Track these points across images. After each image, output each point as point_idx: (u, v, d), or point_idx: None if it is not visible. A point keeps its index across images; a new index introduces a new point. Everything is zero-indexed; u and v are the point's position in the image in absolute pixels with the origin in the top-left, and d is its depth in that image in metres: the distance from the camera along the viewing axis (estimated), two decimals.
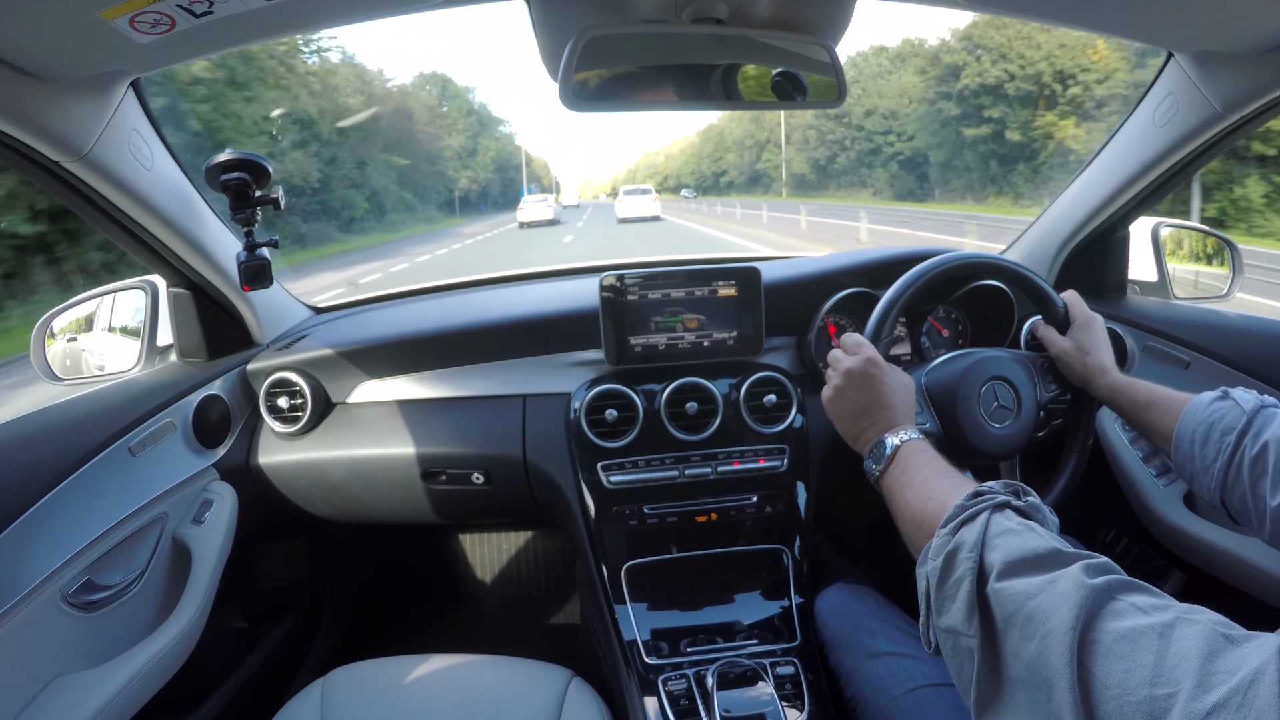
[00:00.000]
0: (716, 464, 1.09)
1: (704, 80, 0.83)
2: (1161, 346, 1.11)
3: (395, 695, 0.89)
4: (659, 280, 1.10)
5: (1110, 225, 1.22)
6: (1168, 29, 0.86)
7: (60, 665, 0.80)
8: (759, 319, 1.14)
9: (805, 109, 0.88)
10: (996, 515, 0.51)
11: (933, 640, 0.51)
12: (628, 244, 15.55)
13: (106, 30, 0.66)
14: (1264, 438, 0.63)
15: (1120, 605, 0.39)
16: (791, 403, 1.12)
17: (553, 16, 0.79)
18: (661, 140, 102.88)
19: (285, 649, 1.35)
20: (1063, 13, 0.87)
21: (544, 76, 0.84)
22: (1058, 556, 0.44)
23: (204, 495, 1.06)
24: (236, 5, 0.65)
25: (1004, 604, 0.44)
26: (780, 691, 0.91)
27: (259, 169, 0.94)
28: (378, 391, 1.22)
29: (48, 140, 0.78)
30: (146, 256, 1.04)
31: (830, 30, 0.83)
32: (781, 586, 1.08)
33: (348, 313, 1.43)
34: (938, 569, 0.50)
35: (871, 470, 0.71)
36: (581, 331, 1.16)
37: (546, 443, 1.12)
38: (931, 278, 0.87)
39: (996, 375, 0.86)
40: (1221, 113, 0.93)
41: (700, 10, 0.76)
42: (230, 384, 1.15)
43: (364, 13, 0.77)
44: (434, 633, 1.63)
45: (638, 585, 1.07)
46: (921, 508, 0.60)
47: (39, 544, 0.78)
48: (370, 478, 1.16)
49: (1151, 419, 0.76)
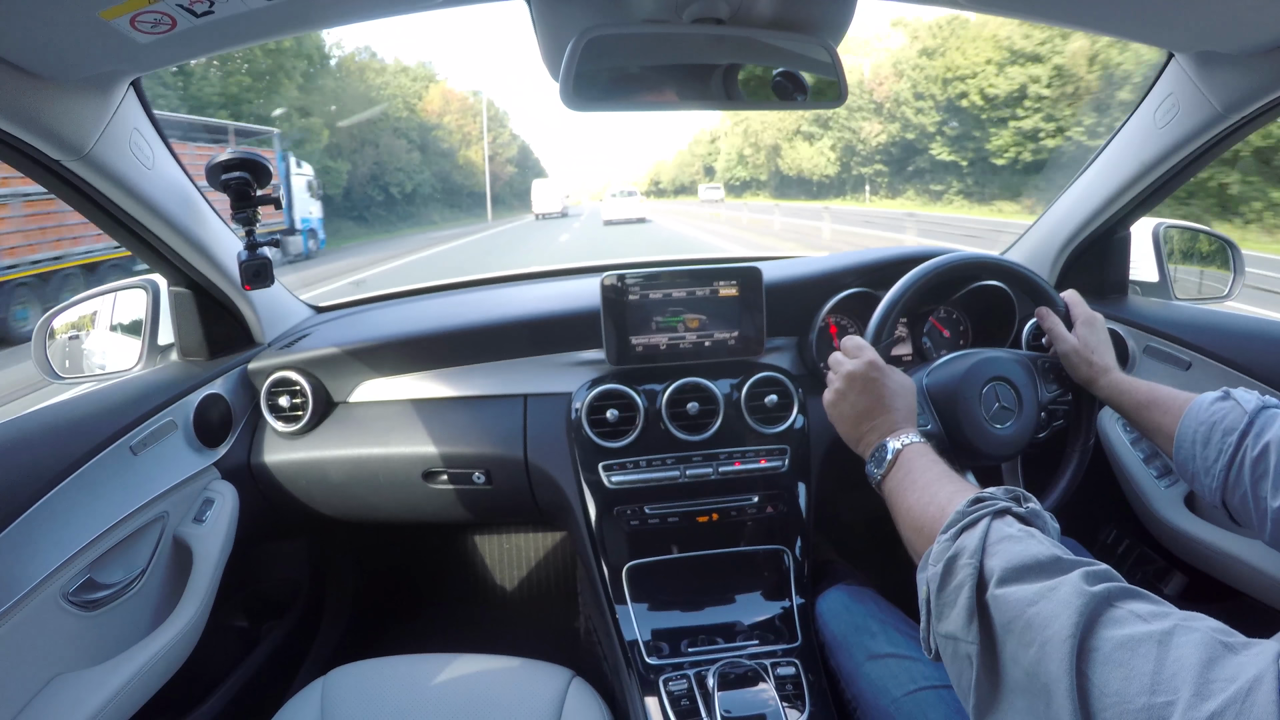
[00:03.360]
0: (718, 464, 1.09)
1: (705, 80, 0.83)
2: (1163, 347, 1.11)
3: (395, 695, 0.89)
4: (660, 280, 1.10)
5: (1111, 226, 1.22)
6: (1168, 29, 0.85)
7: (61, 664, 0.80)
8: (760, 319, 1.14)
9: (806, 109, 0.88)
10: (997, 522, 0.51)
11: (933, 646, 0.51)
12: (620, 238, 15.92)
13: (107, 30, 0.66)
14: (1265, 438, 0.63)
15: (1119, 613, 0.39)
16: (793, 403, 1.12)
17: (554, 16, 0.79)
18: (676, 144, 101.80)
19: (286, 648, 1.35)
20: (1063, 13, 0.87)
21: (546, 80, 0.84)
22: (1058, 563, 0.44)
23: (205, 494, 1.06)
24: (237, 5, 0.65)
25: (1003, 610, 0.44)
26: (781, 692, 0.91)
27: (260, 168, 0.94)
28: (379, 391, 1.22)
29: (49, 140, 0.78)
30: (148, 255, 1.04)
31: (831, 30, 0.83)
32: (782, 587, 1.07)
33: (348, 312, 1.43)
34: (938, 575, 0.50)
35: (873, 474, 0.71)
36: (582, 331, 1.16)
37: (547, 443, 1.12)
38: (932, 278, 0.87)
39: (998, 376, 0.86)
40: (1222, 113, 0.93)
41: (701, 10, 0.76)
42: (231, 383, 1.15)
43: (364, 12, 0.77)
44: (434, 632, 1.63)
45: (639, 585, 1.06)
46: (922, 513, 0.60)
47: (40, 543, 0.78)
48: (371, 477, 1.16)
49: (1153, 419, 0.76)
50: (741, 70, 0.83)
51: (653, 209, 30.60)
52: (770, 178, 41.54)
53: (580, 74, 0.73)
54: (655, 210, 31.10)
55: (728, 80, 0.83)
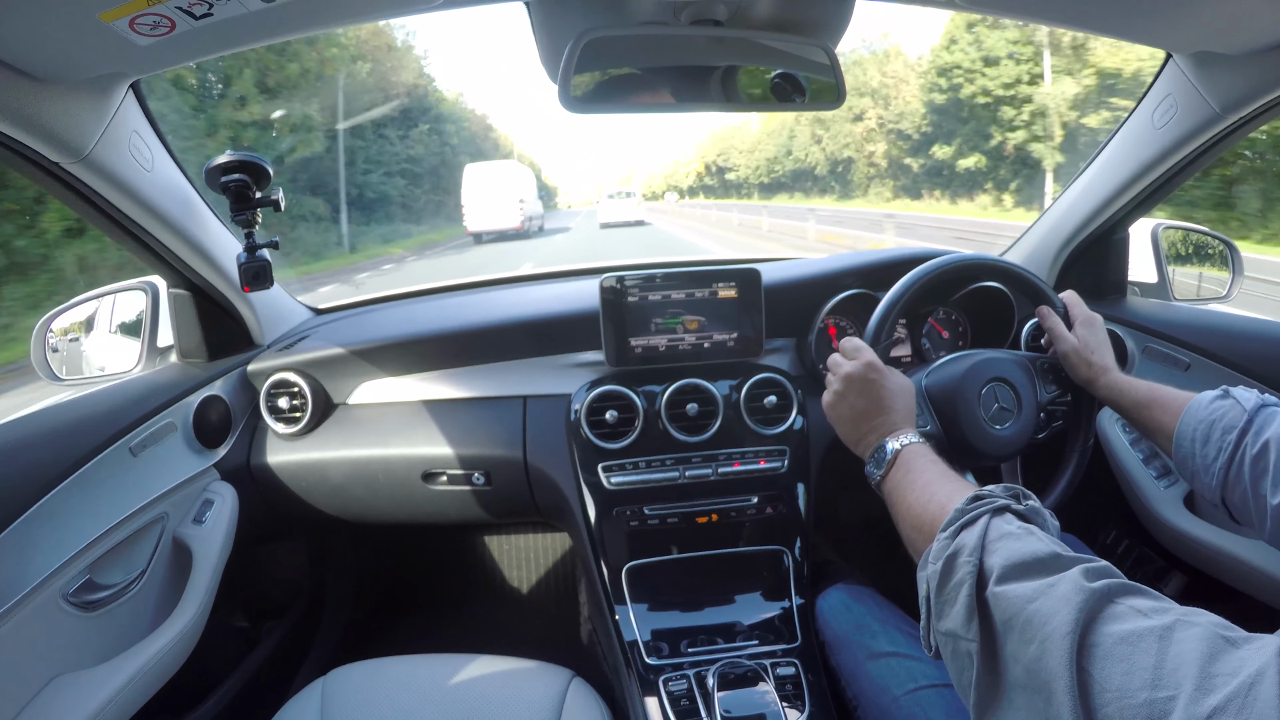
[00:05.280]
0: (717, 465, 1.09)
1: (703, 82, 0.83)
2: (1161, 348, 1.11)
3: (395, 695, 0.89)
4: (659, 282, 1.10)
5: (1110, 227, 1.22)
6: (1166, 30, 0.86)
7: (61, 664, 0.80)
8: (759, 320, 1.14)
9: (804, 110, 0.88)
10: (996, 519, 0.51)
11: (933, 644, 0.51)
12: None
13: (106, 32, 0.66)
14: (1265, 436, 0.63)
15: (1120, 608, 0.39)
16: (792, 404, 1.12)
17: (552, 18, 0.79)
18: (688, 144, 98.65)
19: (285, 649, 1.35)
20: (1062, 13, 0.87)
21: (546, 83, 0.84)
22: (1057, 560, 0.44)
23: (204, 495, 1.06)
24: (236, 7, 0.65)
25: (1003, 608, 0.44)
26: (781, 692, 0.91)
27: (259, 170, 0.94)
28: (378, 392, 1.22)
29: (48, 142, 0.78)
30: (147, 257, 1.04)
31: (829, 32, 0.83)
32: (782, 587, 1.08)
33: (348, 314, 1.43)
34: (937, 573, 0.50)
35: (873, 475, 0.71)
36: (582, 333, 1.16)
37: (547, 444, 1.12)
38: (931, 279, 0.87)
39: (997, 377, 0.86)
40: (1220, 113, 0.93)
41: (699, 12, 0.76)
42: (231, 385, 1.15)
43: (364, 14, 0.77)
44: (434, 633, 1.63)
45: (638, 586, 1.07)
46: (922, 511, 0.60)
47: (40, 543, 0.78)
48: (371, 478, 1.16)
49: (1152, 418, 0.76)
50: (740, 72, 0.84)
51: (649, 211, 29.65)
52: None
53: (579, 76, 0.73)
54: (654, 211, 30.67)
55: (726, 82, 0.83)
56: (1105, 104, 16.88)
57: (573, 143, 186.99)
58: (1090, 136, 17.12)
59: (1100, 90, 17.37)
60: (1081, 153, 15.20)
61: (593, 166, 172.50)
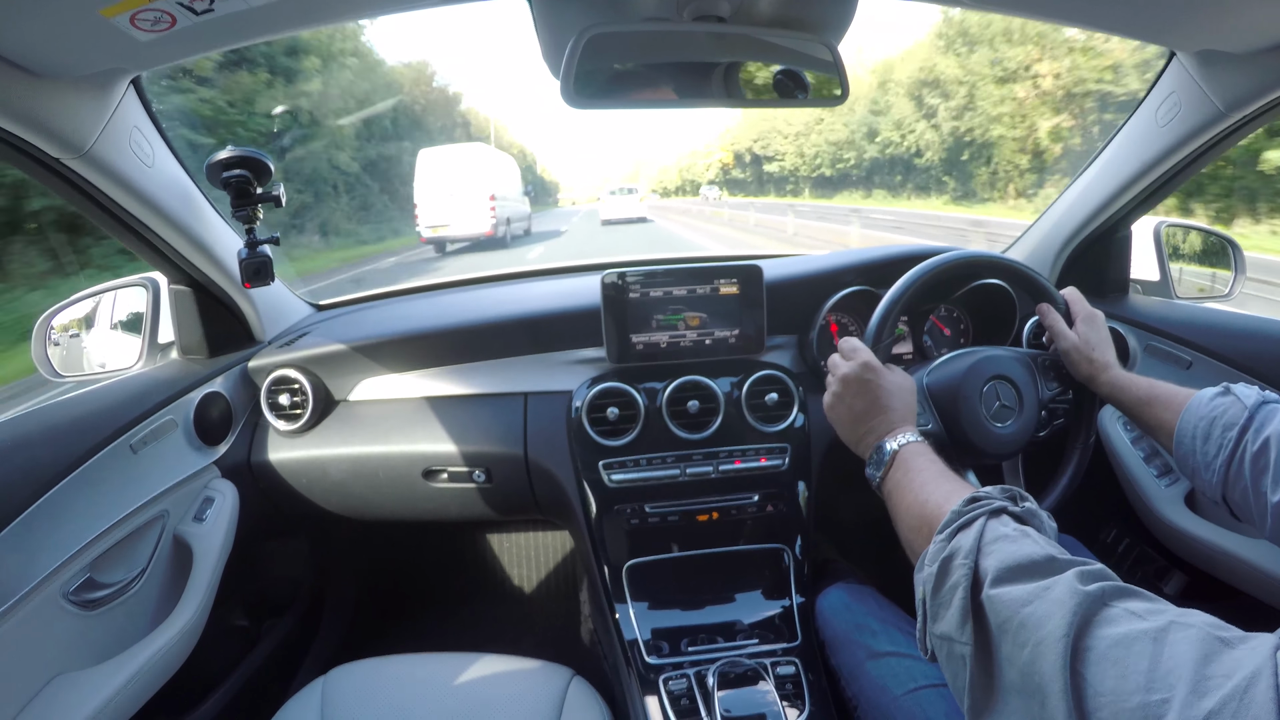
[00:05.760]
0: (718, 463, 1.09)
1: (705, 78, 0.83)
2: (1163, 346, 1.11)
3: (396, 694, 0.89)
4: (661, 278, 1.10)
5: (1112, 225, 1.22)
6: (1170, 28, 0.85)
7: (61, 663, 0.80)
8: (761, 317, 1.13)
9: (807, 107, 0.88)
10: (992, 521, 0.50)
11: (929, 647, 0.51)
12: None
13: (107, 28, 0.66)
14: (1265, 433, 0.63)
15: (1114, 611, 0.39)
16: (793, 401, 1.12)
17: (554, 14, 0.78)
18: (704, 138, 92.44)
19: (286, 647, 1.35)
20: (1065, 11, 0.86)
21: (543, 82, 0.84)
22: (1052, 563, 0.44)
23: (205, 493, 1.06)
24: (237, 3, 0.65)
25: (998, 611, 0.44)
26: (781, 691, 0.91)
27: (260, 166, 0.94)
28: (379, 389, 1.22)
29: (48, 137, 0.78)
30: (148, 253, 1.04)
31: (832, 29, 0.83)
32: (782, 586, 1.07)
33: (349, 310, 1.43)
34: (933, 576, 0.50)
35: (872, 476, 0.71)
36: (583, 329, 1.15)
37: (548, 441, 1.12)
38: (932, 276, 0.87)
39: (998, 374, 0.86)
40: (1224, 112, 0.93)
41: (702, 9, 0.76)
42: (231, 381, 1.15)
43: (364, 10, 0.77)
44: (434, 631, 1.63)
45: (638, 584, 1.06)
46: (919, 512, 0.60)
47: (40, 542, 0.78)
48: (371, 475, 1.16)
49: (1153, 415, 0.76)
50: (742, 68, 0.83)
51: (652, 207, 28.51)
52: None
53: (581, 72, 0.73)
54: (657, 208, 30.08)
55: (729, 78, 0.83)
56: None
57: (577, 138, 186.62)
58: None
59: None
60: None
61: (598, 162, 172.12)
